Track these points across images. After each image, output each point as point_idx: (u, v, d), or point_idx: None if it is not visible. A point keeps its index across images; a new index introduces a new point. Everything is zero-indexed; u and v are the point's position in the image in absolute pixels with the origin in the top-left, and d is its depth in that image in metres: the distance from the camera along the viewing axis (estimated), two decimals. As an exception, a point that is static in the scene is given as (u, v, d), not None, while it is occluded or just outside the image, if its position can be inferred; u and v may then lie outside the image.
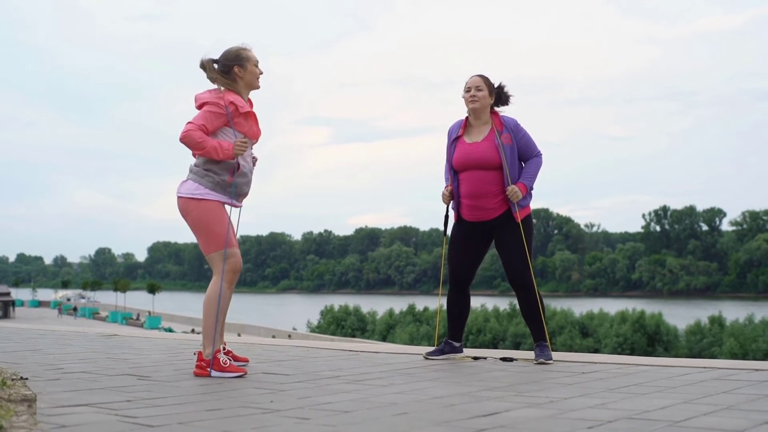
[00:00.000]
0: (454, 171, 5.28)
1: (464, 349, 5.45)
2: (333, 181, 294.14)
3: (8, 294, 74.85)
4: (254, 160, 4.77)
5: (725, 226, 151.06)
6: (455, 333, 5.35)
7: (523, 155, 5.23)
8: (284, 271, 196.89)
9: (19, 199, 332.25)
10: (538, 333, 5.12)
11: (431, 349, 5.43)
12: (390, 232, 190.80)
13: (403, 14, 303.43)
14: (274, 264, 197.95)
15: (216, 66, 4.59)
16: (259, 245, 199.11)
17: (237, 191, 4.51)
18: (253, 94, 4.72)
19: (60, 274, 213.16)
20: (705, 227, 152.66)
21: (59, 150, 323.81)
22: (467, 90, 5.21)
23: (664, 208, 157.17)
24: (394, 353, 5.74)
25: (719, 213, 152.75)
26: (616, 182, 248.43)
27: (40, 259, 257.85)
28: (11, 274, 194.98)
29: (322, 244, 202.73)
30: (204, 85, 4.67)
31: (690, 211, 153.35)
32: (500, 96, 5.30)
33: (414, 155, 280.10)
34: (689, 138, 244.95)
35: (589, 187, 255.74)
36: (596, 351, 53.15)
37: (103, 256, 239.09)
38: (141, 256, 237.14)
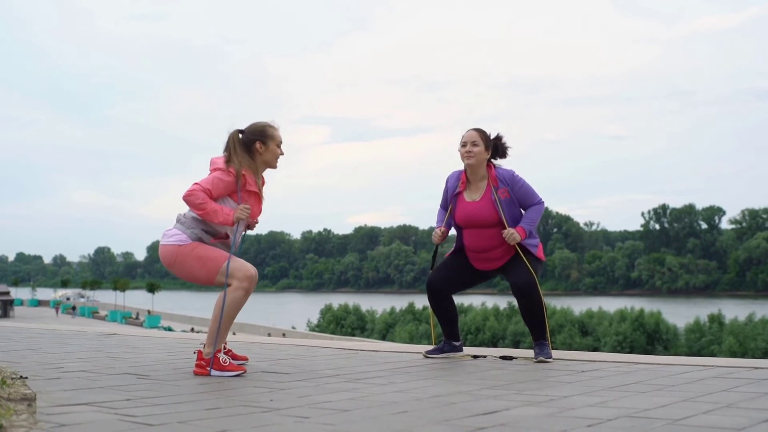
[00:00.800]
0: (457, 225, 5.31)
1: (464, 348, 5.45)
2: (332, 180, 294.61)
3: (8, 293, 74.84)
4: (254, 224, 4.77)
5: (724, 224, 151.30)
6: (450, 334, 5.35)
7: (524, 205, 5.22)
8: (284, 270, 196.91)
9: (19, 199, 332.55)
10: (538, 332, 5.11)
11: (431, 347, 5.43)
12: (389, 231, 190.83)
13: (402, 13, 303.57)
14: (274, 263, 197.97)
15: (241, 136, 4.62)
16: (258, 244, 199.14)
17: None
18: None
19: (59, 273, 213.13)
20: (704, 225, 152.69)
21: (58, 149, 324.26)
22: (463, 145, 5.17)
23: (664, 207, 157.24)
24: (393, 352, 5.74)
25: (718, 211, 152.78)
26: (615, 181, 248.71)
27: (39, 258, 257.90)
28: (11, 274, 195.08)
29: (321, 243, 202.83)
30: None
31: (689, 209, 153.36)
32: (497, 148, 5.27)
33: (413, 154, 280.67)
34: (688, 137, 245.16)
35: (588, 185, 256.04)
36: (596, 349, 53.19)
37: (102, 255, 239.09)
38: (140, 255, 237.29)
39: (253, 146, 4.59)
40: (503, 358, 5.18)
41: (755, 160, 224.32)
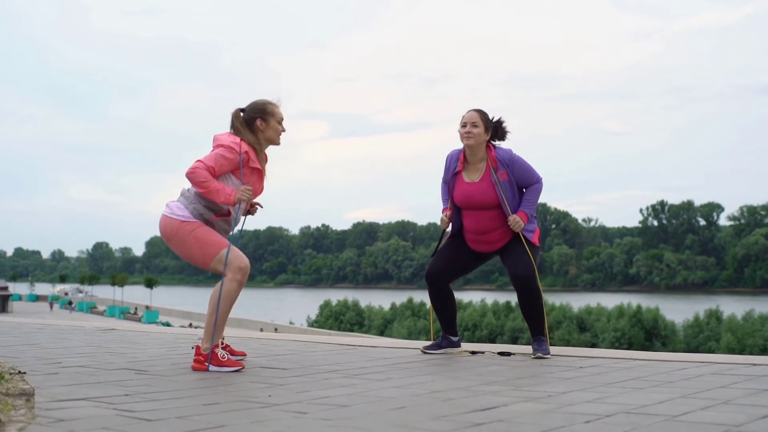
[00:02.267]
0: (456, 206, 5.29)
1: (462, 344, 5.45)
2: (330, 175, 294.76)
3: (6, 288, 74.75)
4: (255, 207, 4.77)
5: (723, 220, 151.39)
6: (448, 328, 5.36)
7: (523, 184, 5.21)
8: (282, 266, 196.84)
9: (17, 194, 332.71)
10: (537, 328, 5.11)
11: (429, 343, 5.43)
12: (387, 227, 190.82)
13: (400, 9, 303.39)
14: (272, 258, 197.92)
15: (242, 114, 4.62)
16: (257, 239, 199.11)
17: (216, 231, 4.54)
18: None
19: (58, 268, 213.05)
20: (702, 222, 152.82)
21: (56, 145, 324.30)
22: (463, 125, 5.15)
23: (662, 203, 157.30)
24: (391, 347, 5.74)
25: (717, 208, 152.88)
26: (613, 177, 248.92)
27: (37, 253, 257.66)
28: (9, 269, 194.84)
29: (319, 239, 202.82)
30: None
31: (688, 205, 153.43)
32: (497, 130, 5.25)
33: (411, 150, 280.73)
34: (687, 133, 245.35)
35: (586, 181, 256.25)
36: (594, 345, 53.23)
37: (100, 250, 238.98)
38: (139, 250, 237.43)
39: (254, 124, 4.59)
40: (501, 354, 5.18)
41: (754, 157, 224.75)
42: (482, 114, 5.16)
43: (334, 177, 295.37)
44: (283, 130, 4.68)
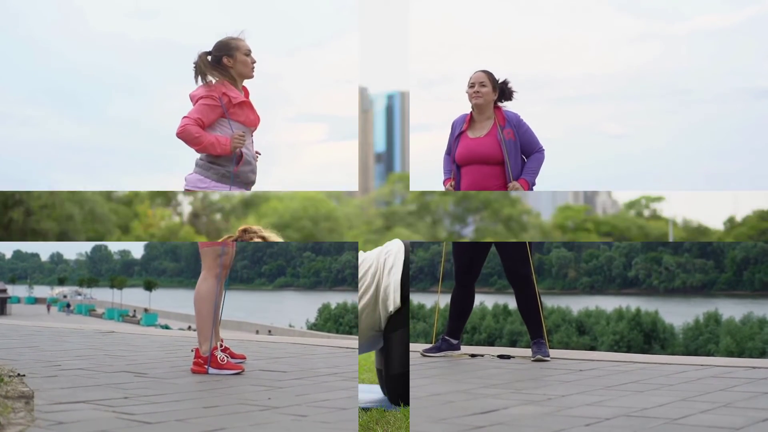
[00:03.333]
0: (456, 165, 5.29)
1: (461, 347, 5.44)
2: (329, 177, 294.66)
3: (5, 291, 74.62)
4: (257, 154, 4.75)
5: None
6: (455, 331, 5.35)
7: (526, 151, 5.22)
8: (281, 269, 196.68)
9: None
10: (535, 330, 5.12)
11: (428, 346, 5.43)
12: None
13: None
14: (271, 261, 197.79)
15: (209, 58, 4.58)
16: (255, 242, 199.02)
17: (244, 180, 4.52)
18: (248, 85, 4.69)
19: (56, 270, 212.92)
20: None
21: (54, 145, 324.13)
22: (471, 85, 5.20)
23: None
24: (391, 350, 5.73)
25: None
26: (613, 178, 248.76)
27: (36, 255, 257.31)
28: (7, 271, 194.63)
29: (318, 241, 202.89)
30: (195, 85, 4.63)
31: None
32: (503, 91, 5.29)
33: (410, 150, 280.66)
34: (687, 135, 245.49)
35: (585, 183, 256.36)
36: (593, 349, 53.19)
37: (99, 253, 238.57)
38: (137, 253, 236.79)
39: (222, 63, 4.54)
40: (501, 356, 5.18)
41: (754, 158, 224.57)
42: (489, 74, 5.23)
43: (333, 178, 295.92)
44: (254, 62, 4.62)
